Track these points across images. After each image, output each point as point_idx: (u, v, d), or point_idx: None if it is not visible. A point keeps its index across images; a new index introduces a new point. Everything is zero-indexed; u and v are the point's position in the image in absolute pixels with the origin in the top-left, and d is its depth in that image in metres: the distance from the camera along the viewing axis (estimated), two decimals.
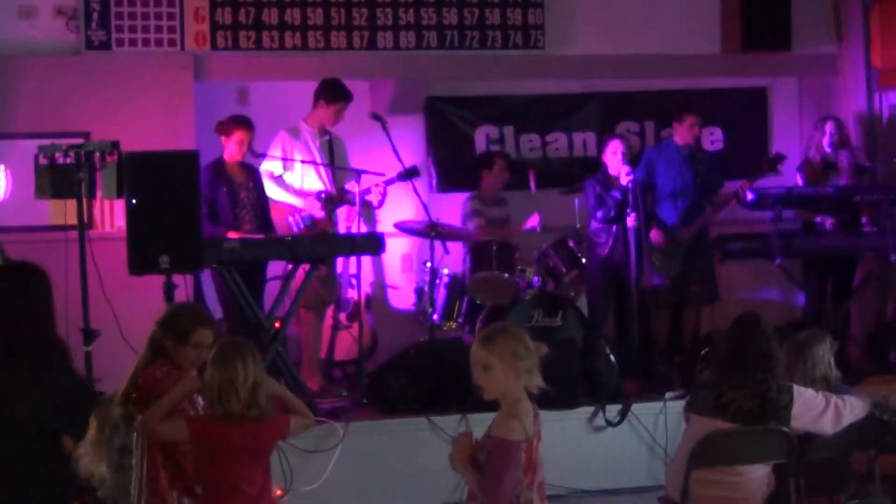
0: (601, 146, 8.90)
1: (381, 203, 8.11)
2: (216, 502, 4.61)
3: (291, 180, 7.96)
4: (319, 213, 7.86)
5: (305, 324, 8.02)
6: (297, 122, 8.05)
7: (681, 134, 8.65)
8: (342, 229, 8.12)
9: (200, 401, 4.86)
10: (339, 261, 8.18)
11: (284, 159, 7.88)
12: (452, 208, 8.99)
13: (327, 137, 8.08)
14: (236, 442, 4.56)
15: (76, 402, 4.58)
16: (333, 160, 8.04)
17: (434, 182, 9.55)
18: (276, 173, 7.91)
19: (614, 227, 8.44)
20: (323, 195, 7.94)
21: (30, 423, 4.40)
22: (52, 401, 4.47)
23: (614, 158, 8.44)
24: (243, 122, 7.77)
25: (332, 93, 7.98)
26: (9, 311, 4.47)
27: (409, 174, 7.94)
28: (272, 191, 7.91)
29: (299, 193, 7.93)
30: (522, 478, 4.33)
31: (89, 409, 4.54)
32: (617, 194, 8.37)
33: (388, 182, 7.99)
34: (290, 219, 7.89)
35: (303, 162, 7.92)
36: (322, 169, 7.98)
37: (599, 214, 8.47)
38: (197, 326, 5.02)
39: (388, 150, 7.87)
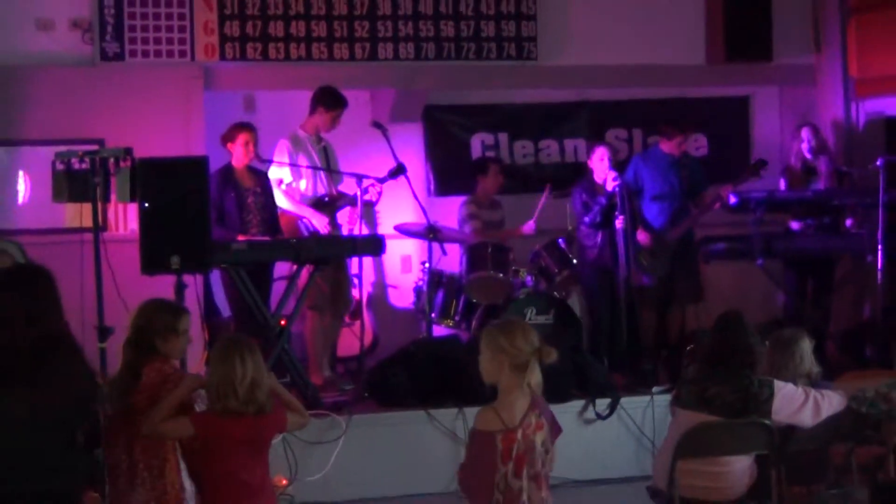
0: (588, 153, 8.93)
1: (376, 202, 8.20)
2: (219, 494, 4.72)
3: (297, 186, 8.01)
4: (325, 228, 7.90)
5: (309, 323, 8.06)
6: (295, 130, 8.08)
7: (668, 147, 8.77)
8: (344, 232, 8.11)
9: (203, 394, 4.92)
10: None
11: (292, 165, 7.92)
12: (450, 211, 9.08)
13: (322, 144, 8.13)
14: (237, 436, 4.67)
15: (90, 397, 4.61)
16: (329, 165, 8.10)
17: (432, 186, 9.65)
18: (286, 181, 7.95)
19: (600, 232, 8.56)
20: (326, 199, 8.02)
21: (55, 419, 4.40)
22: (74, 396, 4.48)
23: (601, 165, 8.53)
24: (246, 125, 7.87)
25: (332, 100, 8.02)
26: (26, 312, 4.41)
27: (396, 172, 7.99)
28: (282, 200, 7.94)
29: (307, 204, 7.98)
30: (501, 466, 4.46)
31: (94, 403, 4.66)
32: (603, 200, 8.47)
33: (384, 179, 8.03)
34: (300, 223, 7.97)
35: (307, 168, 7.95)
36: (322, 174, 8.03)
37: (587, 220, 8.57)
38: (179, 315, 5.05)
39: (387, 156, 7.94)
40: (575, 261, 8.53)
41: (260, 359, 4.78)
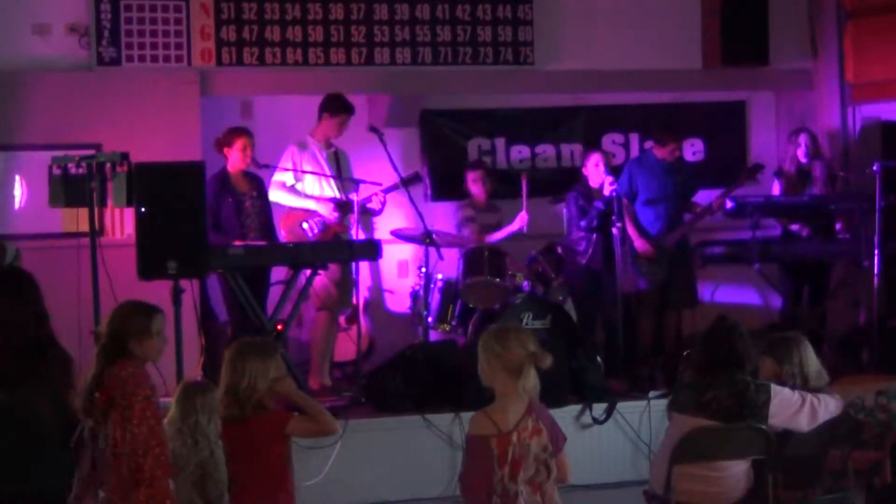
0: (583, 159, 9.00)
1: (380, 210, 8.24)
2: (253, 488, 4.92)
3: (302, 189, 8.04)
4: (332, 215, 7.95)
5: (319, 323, 8.10)
6: (304, 136, 8.12)
7: (661, 152, 8.76)
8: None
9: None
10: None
11: (295, 171, 7.95)
12: (447, 216, 9.09)
13: (332, 150, 8.17)
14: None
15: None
16: (339, 172, 8.13)
17: (429, 191, 9.64)
18: (289, 183, 7.99)
19: (594, 236, 8.59)
20: (335, 201, 8.05)
21: (51, 420, 4.45)
22: (67, 398, 4.53)
23: (596, 170, 8.60)
24: (243, 130, 7.90)
25: (335, 106, 8.08)
26: (17, 315, 4.47)
27: (411, 179, 8.07)
28: (287, 199, 8.00)
29: (313, 198, 8.02)
30: (497, 470, 4.48)
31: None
32: (599, 205, 8.52)
33: (390, 189, 8.09)
34: (305, 224, 7.99)
35: (311, 173, 8.00)
36: (331, 180, 8.07)
37: (583, 224, 8.61)
38: (152, 315, 4.88)
39: (385, 161, 7.97)
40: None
41: None
